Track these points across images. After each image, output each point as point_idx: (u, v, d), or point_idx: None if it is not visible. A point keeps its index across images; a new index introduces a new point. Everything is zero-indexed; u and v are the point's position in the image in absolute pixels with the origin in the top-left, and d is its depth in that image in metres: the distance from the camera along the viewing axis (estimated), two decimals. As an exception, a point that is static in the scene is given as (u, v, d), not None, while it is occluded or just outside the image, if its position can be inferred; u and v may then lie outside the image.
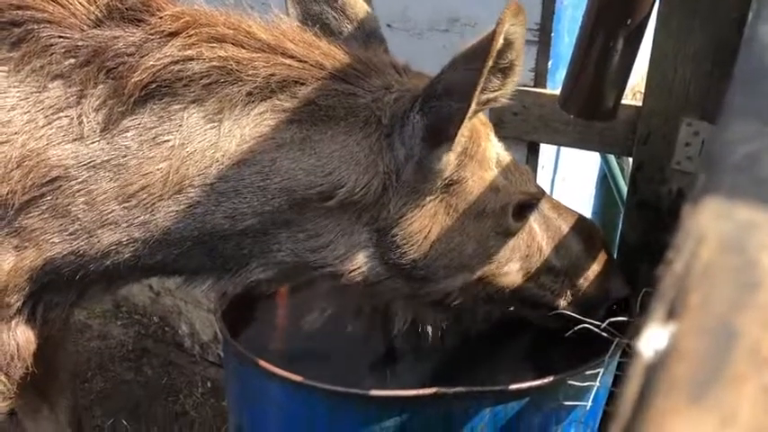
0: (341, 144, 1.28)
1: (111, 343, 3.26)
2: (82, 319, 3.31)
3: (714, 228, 0.29)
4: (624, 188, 2.31)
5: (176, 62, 1.20)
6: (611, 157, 2.41)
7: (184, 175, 1.22)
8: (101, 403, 2.92)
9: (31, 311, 1.35)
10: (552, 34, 1.88)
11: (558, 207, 1.63)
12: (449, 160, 1.31)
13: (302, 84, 1.26)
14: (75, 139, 1.19)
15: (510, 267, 1.52)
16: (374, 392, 1.44)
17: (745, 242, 0.28)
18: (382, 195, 1.31)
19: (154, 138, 1.20)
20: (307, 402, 1.47)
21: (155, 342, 3.25)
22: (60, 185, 1.19)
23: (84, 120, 1.18)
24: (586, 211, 2.51)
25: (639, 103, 1.79)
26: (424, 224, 1.36)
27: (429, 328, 1.73)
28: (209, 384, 2.99)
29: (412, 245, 1.36)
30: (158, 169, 1.21)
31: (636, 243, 1.88)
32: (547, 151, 2.09)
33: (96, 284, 1.38)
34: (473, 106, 1.21)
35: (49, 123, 1.18)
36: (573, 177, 2.35)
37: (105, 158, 1.19)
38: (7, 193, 1.18)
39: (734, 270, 0.28)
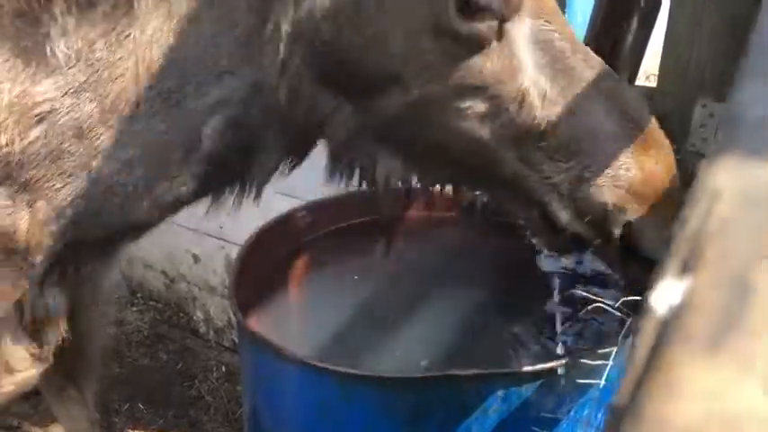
0: None
1: (127, 329, 3.29)
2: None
3: (730, 184, 0.29)
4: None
5: None
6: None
7: (150, 60, 1.18)
8: (117, 388, 2.95)
9: (60, 272, 1.33)
10: (566, 15, 1.86)
11: (576, 44, 1.17)
12: None
13: None
14: (54, 71, 1.17)
15: (467, 102, 1.13)
16: (387, 375, 1.44)
17: (760, 198, 0.28)
18: None
19: (117, 36, 1.17)
20: (320, 385, 1.48)
21: (170, 328, 3.28)
22: (51, 121, 1.18)
23: (57, 50, 1.16)
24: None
25: (653, 85, 1.77)
26: None
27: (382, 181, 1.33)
28: (224, 369, 3.02)
29: (329, 26, 1.11)
30: (126, 68, 1.18)
31: (650, 226, 1.87)
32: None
33: (120, 235, 1.35)
34: None
35: (29, 64, 1.17)
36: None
37: (83, 79, 1.18)
38: (6, 144, 1.17)
39: (750, 226, 0.28)
